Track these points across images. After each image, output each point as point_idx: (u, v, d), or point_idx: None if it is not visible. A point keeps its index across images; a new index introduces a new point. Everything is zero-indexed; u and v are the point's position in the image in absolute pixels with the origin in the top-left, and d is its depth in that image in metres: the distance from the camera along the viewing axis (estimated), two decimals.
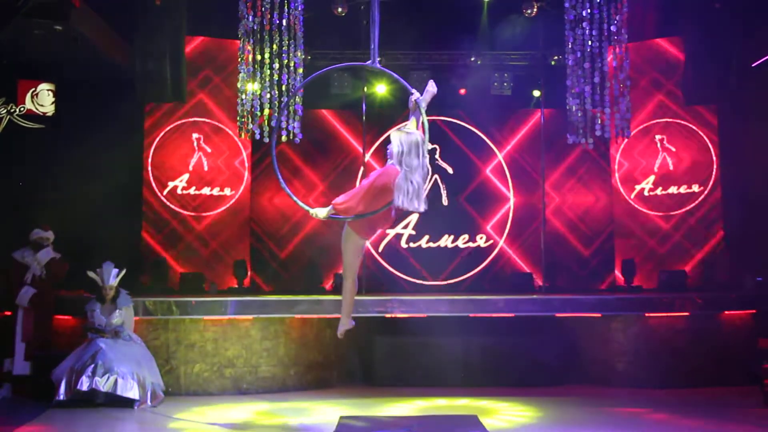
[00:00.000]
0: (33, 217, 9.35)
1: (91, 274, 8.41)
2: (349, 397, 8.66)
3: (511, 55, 11.74)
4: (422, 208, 5.58)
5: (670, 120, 11.65)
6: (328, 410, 7.94)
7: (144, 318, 8.75)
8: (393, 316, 9.15)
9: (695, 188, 11.48)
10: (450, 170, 12.10)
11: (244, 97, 9.77)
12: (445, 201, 12.09)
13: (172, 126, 11.57)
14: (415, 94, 5.77)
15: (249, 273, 11.56)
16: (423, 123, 5.67)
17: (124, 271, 8.50)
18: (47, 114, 10.43)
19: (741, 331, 9.18)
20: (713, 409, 7.78)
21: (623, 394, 8.73)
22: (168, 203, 11.51)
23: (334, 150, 12.15)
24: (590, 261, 12.01)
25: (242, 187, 11.83)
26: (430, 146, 5.73)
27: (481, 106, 12.05)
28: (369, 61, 6.13)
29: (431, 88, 5.95)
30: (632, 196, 11.81)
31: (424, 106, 5.77)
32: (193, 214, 11.62)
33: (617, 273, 11.70)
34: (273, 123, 9.57)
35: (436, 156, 12.12)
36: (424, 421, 7.34)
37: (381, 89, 11.58)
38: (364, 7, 10.75)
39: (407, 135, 5.60)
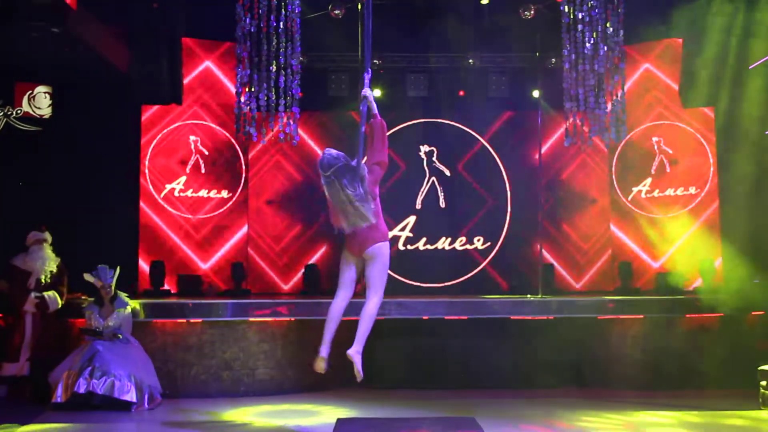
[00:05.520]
0: (30, 220, 9.32)
1: (87, 276, 8.42)
2: (346, 400, 8.64)
3: (508, 57, 11.76)
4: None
5: (668, 122, 11.66)
6: (326, 412, 7.93)
7: (141, 320, 8.73)
8: (391, 318, 9.13)
9: (692, 190, 11.49)
10: (447, 172, 12.10)
11: (241, 99, 9.76)
12: (442, 203, 12.09)
13: (169, 128, 11.57)
14: (366, 90, 5.84)
15: (246, 275, 11.55)
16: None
17: (118, 269, 8.50)
18: (44, 117, 10.42)
19: (739, 333, 9.19)
20: (711, 411, 7.77)
21: (621, 396, 8.73)
22: (165, 205, 11.50)
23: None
24: (587, 263, 12.00)
25: (239, 190, 11.82)
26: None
27: (478, 108, 12.07)
28: (364, 73, 6.19)
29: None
30: (629, 198, 11.82)
31: (370, 102, 5.83)
32: (190, 216, 11.61)
33: (615, 275, 11.69)
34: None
35: (434, 158, 12.12)
36: (422, 422, 7.34)
37: (377, 93, 11.57)
38: (361, 9, 10.76)
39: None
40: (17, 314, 8.70)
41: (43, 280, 8.75)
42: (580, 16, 9.51)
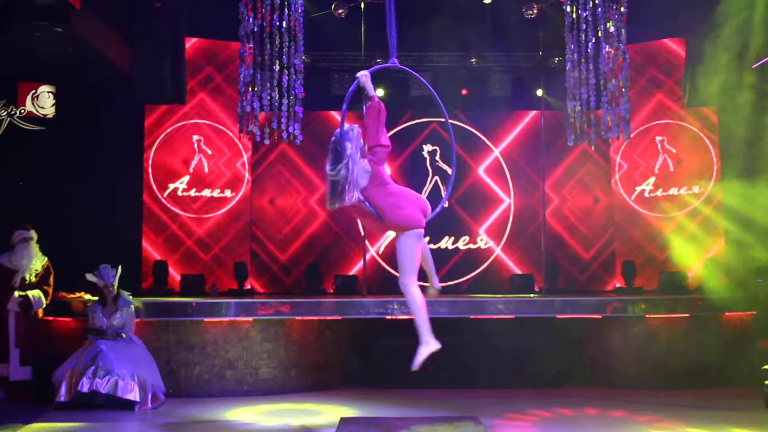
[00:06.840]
0: (32, 219, 9.33)
1: (89, 276, 8.40)
2: (349, 399, 8.65)
3: (511, 56, 11.75)
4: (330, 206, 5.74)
5: (671, 121, 11.65)
6: (329, 411, 7.93)
7: (144, 320, 8.73)
8: (393, 317, 9.14)
9: (696, 189, 11.48)
10: (450, 171, 12.08)
11: (244, 98, 9.76)
12: (445, 203, 12.07)
13: (172, 128, 11.58)
14: (360, 74, 5.90)
15: (249, 275, 11.56)
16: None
17: (120, 269, 8.50)
18: (47, 116, 10.44)
19: (742, 333, 9.18)
20: (714, 410, 7.76)
21: (624, 395, 8.72)
22: (168, 205, 11.51)
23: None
24: (590, 262, 12.00)
25: (243, 189, 11.83)
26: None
27: (481, 107, 12.08)
28: (389, 61, 6.24)
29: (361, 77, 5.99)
30: (632, 197, 11.81)
31: (362, 83, 5.92)
32: (193, 216, 11.62)
33: (618, 274, 11.69)
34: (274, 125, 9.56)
35: (436, 158, 12.12)
36: (425, 422, 7.33)
37: (379, 92, 11.57)
38: (364, 9, 10.76)
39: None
40: (1, 313, 8.69)
41: (27, 279, 8.74)
42: (583, 16, 9.50)
